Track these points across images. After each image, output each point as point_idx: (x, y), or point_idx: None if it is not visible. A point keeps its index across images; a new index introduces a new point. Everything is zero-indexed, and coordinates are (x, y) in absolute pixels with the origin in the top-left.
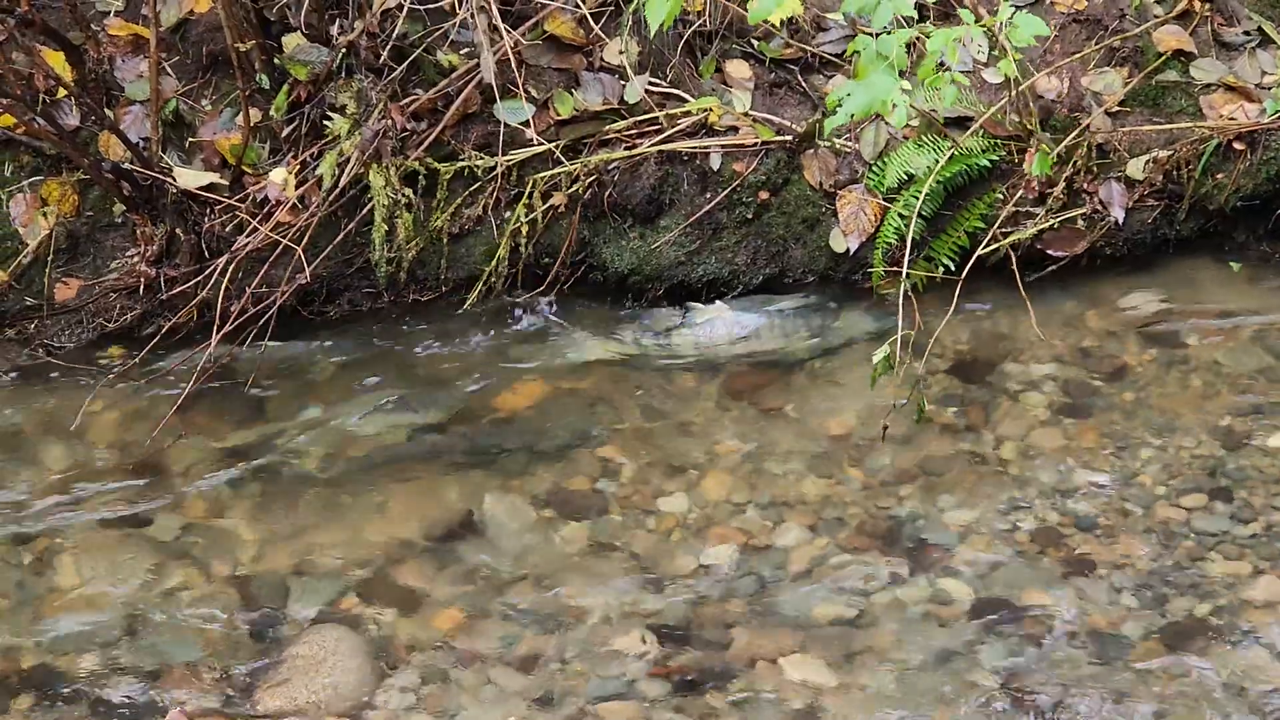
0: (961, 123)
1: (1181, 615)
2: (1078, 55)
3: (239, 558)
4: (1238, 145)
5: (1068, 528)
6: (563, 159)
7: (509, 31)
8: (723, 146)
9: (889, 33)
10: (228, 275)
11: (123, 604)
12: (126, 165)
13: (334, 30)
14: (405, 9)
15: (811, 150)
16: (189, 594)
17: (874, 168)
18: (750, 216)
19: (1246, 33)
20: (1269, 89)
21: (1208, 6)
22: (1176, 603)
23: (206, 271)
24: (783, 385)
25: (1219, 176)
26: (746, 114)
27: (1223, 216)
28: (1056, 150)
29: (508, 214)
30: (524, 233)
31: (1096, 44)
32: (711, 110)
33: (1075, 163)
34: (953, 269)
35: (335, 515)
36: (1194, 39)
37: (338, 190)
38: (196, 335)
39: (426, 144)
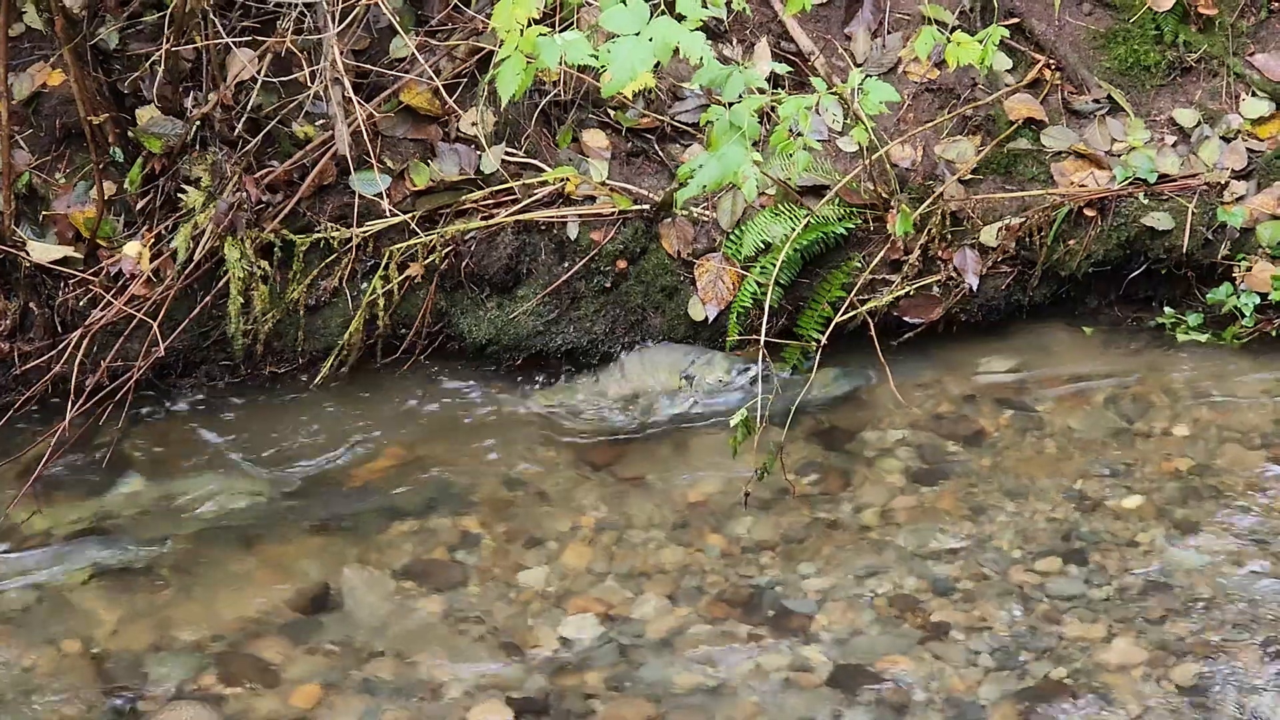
0: (818, 191)
1: (1038, 678)
2: (931, 124)
3: (94, 635)
4: (1089, 212)
5: (925, 593)
6: (418, 230)
7: (362, 104)
8: (580, 216)
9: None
10: (82, 349)
11: None
12: None
13: (188, 103)
14: (259, 81)
15: (669, 219)
16: (42, 673)
17: (731, 236)
18: (608, 285)
19: (1096, 101)
20: (1119, 156)
21: (1058, 75)
22: (1034, 666)
23: (61, 346)
24: (643, 453)
25: (1070, 243)
26: (604, 183)
27: (1075, 282)
28: (913, 218)
29: (364, 285)
30: (381, 304)
31: (949, 112)
32: (568, 180)
33: (930, 230)
34: (819, 341)
35: (193, 590)
36: (1045, 107)
37: (193, 263)
38: (52, 409)
39: (282, 216)
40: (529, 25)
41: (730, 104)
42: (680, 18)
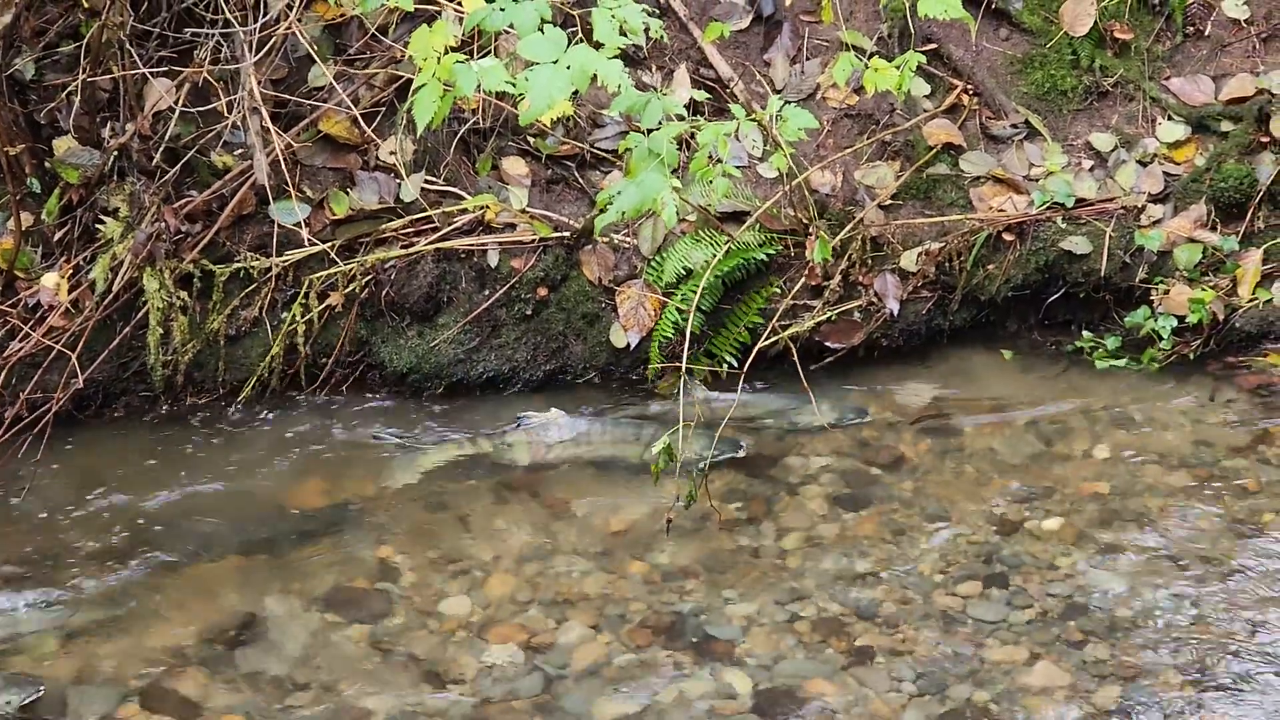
0: (738, 217)
1: (961, 702)
2: (850, 149)
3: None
4: (1007, 236)
5: (849, 617)
6: (338, 259)
7: (281, 133)
8: (500, 244)
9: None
10: (0, 381)
11: None
12: None
13: (106, 133)
14: (177, 111)
15: (590, 246)
16: None
17: (653, 263)
18: (529, 313)
19: (1014, 126)
20: (1036, 180)
21: (976, 100)
22: (956, 689)
23: None
24: (566, 482)
25: (990, 267)
26: (524, 211)
27: (994, 306)
28: (832, 244)
29: (285, 315)
30: (301, 333)
31: (868, 138)
32: (488, 207)
33: (850, 256)
34: (735, 365)
35: (115, 620)
36: (963, 132)
37: (112, 294)
38: None
39: (201, 246)
40: (446, 53)
41: (649, 131)
42: (598, 45)
